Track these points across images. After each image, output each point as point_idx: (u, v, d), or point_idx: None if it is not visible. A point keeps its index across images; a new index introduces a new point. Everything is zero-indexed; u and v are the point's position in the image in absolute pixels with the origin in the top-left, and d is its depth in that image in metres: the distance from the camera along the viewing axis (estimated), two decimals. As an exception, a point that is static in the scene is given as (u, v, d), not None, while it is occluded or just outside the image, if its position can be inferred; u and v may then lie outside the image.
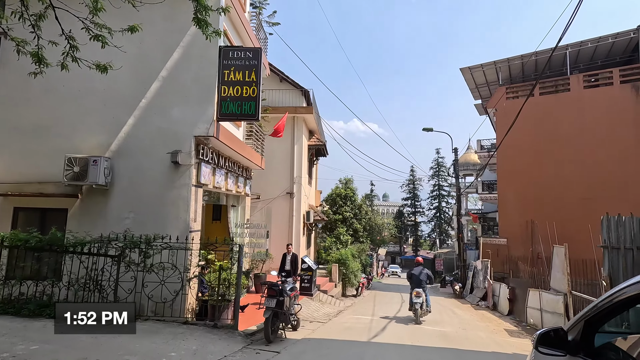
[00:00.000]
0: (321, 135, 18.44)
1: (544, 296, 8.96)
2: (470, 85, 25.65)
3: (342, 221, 21.02)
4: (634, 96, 18.35)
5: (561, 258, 8.26)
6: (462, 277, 20.61)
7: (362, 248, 18.84)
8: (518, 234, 20.15)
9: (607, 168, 18.46)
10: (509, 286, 12.67)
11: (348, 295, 16.12)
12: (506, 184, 21.21)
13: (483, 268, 16.84)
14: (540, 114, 20.23)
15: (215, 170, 8.70)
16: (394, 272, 48.56)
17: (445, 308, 13.33)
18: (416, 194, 69.14)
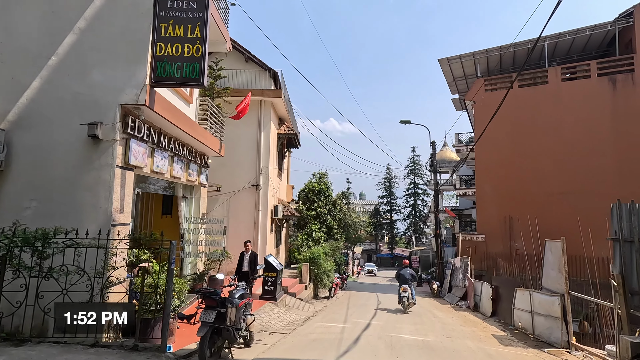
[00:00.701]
0: (292, 123, 17.02)
1: (535, 297, 7.98)
2: (448, 79, 24.97)
3: (315, 217, 19.69)
4: (611, 89, 18.09)
5: (557, 254, 7.27)
6: (439, 275, 19.81)
7: (337, 246, 17.60)
8: (496, 230, 19.59)
9: (584, 162, 18.14)
10: (491, 285, 11.75)
11: (320, 297, 14.82)
12: (484, 179, 20.61)
13: (462, 266, 15.99)
14: (518, 107, 19.72)
15: (155, 151, 7.13)
16: (370, 271, 47.85)
17: (424, 310, 12.28)
18: (392, 192, 69.14)
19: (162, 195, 10.67)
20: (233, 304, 4.93)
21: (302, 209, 19.75)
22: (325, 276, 14.25)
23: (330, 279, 14.74)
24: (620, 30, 18.44)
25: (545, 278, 7.91)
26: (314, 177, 21.12)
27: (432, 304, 14.80)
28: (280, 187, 17.61)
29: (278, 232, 16.23)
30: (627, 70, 17.86)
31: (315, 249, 14.31)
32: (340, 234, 21.29)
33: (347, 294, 17.65)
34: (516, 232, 18.73)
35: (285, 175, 19.48)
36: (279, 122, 16.06)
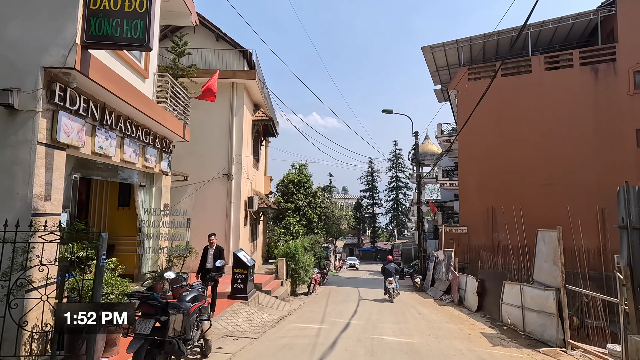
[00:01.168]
0: (270, 111, 15.99)
1: (527, 292, 7.39)
2: (431, 68, 24.43)
3: (294, 210, 18.81)
4: (592, 79, 17.91)
5: (551, 245, 6.67)
6: (422, 269, 19.34)
7: (316, 239, 16.80)
8: (479, 222, 19.26)
9: (567, 153, 17.96)
10: (477, 279, 11.21)
11: (299, 293, 14.01)
12: (467, 170, 20.23)
13: (446, 258, 15.50)
14: (501, 97, 19.36)
15: (97, 129, 6.04)
16: (352, 265, 47.48)
17: (407, 305, 11.65)
18: (374, 185, 69.03)
19: (119, 183, 9.56)
20: (179, 310, 4.00)
21: (280, 202, 18.82)
22: (304, 271, 13.43)
23: (309, 274, 13.94)
24: (602, 19, 18.24)
25: (538, 271, 7.32)
26: (293, 169, 20.19)
27: (415, 298, 14.23)
28: (257, 178, 16.61)
29: (254, 225, 15.26)
30: (608, 60, 17.70)
31: (292, 243, 13.44)
32: (321, 228, 20.50)
33: (327, 290, 16.91)
34: (499, 224, 18.45)
35: (262, 166, 18.47)
36: (254, 108, 15.00)
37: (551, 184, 17.95)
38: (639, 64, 17.01)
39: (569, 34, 19.88)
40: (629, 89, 17.16)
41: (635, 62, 17.09)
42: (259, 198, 14.48)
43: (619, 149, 17.15)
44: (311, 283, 14.39)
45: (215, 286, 7.31)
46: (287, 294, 12.71)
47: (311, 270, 14.16)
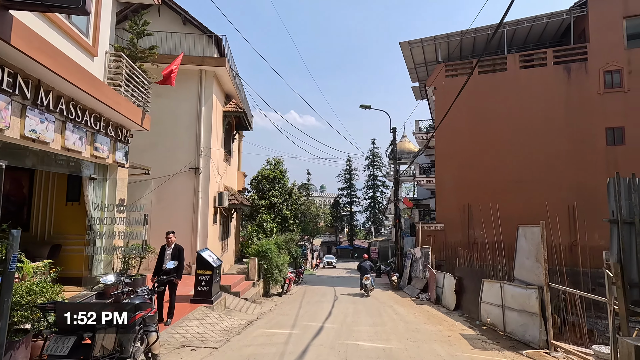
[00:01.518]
0: (242, 102, 15.19)
1: (507, 290, 7.08)
2: (409, 65, 24.29)
3: (269, 207, 18.08)
4: (565, 77, 18.19)
5: (534, 241, 6.36)
6: (399, 267, 19.10)
7: (291, 237, 16.16)
8: (455, 219, 19.24)
9: (541, 150, 18.18)
10: (454, 276, 10.94)
11: (272, 294, 13.35)
12: (443, 167, 20.17)
13: (423, 256, 15.25)
14: (478, 94, 19.40)
15: (28, 109, 5.17)
16: (329, 263, 47.18)
17: (384, 305, 11.24)
18: (352, 183, 69.09)
19: (67, 176, 8.58)
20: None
21: (254, 198, 18.05)
22: (277, 271, 12.78)
23: (283, 274, 13.30)
24: (574, 19, 18.56)
25: (519, 268, 7.02)
26: (268, 164, 19.42)
27: (392, 297, 13.88)
28: (228, 173, 15.78)
29: (225, 223, 14.45)
30: (580, 59, 18.02)
31: (265, 242, 12.75)
32: (297, 226, 19.86)
33: (302, 289, 16.33)
34: (475, 221, 18.47)
35: (235, 161, 17.63)
36: (225, 99, 14.17)
37: (526, 181, 18.12)
38: (608, 64, 17.39)
39: (543, 33, 20.16)
40: (599, 89, 17.53)
41: (605, 62, 17.47)
42: (230, 194, 13.68)
43: (590, 147, 17.50)
44: (285, 283, 13.76)
45: (173, 289, 6.55)
46: (259, 295, 12.02)
47: (285, 269, 13.53)
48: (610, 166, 16.85)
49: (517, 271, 7.10)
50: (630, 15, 17.38)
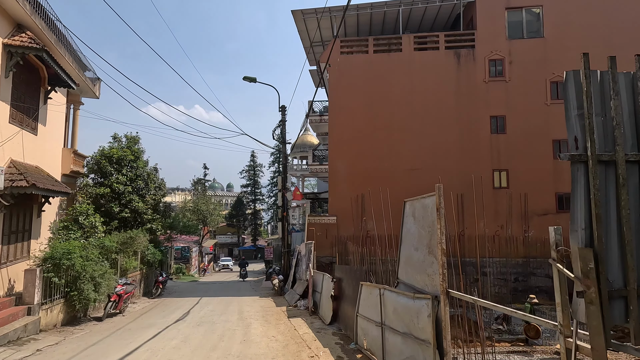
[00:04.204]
0: (47, 33, 10.47)
1: (389, 299, 4.56)
2: (305, 43, 21.85)
3: (113, 198, 13.44)
4: (455, 63, 17.68)
5: (427, 220, 3.89)
6: (285, 267, 16.32)
7: (132, 237, 11.85)
8: (348, 210, 17.25)
9: (432, 137, 17.33)
10: (333, 278, 8.39)
11: (90, 317, 9.16)
12: (337, 154, 18.08)
13: (307, 253, 12.66)
14: (373, 75, 17.80)
15: None
16: (225, 266, 42.78)
17: (242, 323, 8.16)
18: (257, 180, 65.48)
19: None
20: None
21: (88, 185, 13.21)
22: (91, 286, 8.62)
23: (105, 289, 9.15)
24: (464, 6, 18.31)
25: (405, 265, 4.55)
26: (115, 141, 14.63)
27: (265, 307, 10.89)
28: (35, 146, 10.89)
29: (11, 217, 9.58)
30: (469, 46, 17.70)
31: (64, 244, 8.45)
32: (158, 222, 15.50)
33: (155, 304, 12.27)
34: (368, 212, 16.84)
35: (56, 133, 12.59)
36: (14, 29, 9.37)
37: (418, 169, 17.09)
38: (493, 53, 17.36)
39: (436, 19, 19.63)
40: (485, 77, 17.39)
41: (490, 50, 17.40)
42: (18, 172, 8.95)
43: (476, 135, 17.23)
44: (112, 301, 9.61)
45: None
46: (50, 325, 7.78)
47: (111, 282, 9.38)
48: (494, 154, 16.77)
49: (402, 269, 4.63)
50: (511, 7, 17.66)
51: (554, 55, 16.99)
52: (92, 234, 10.17)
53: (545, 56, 17.06)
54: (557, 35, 17.10)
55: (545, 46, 17.13)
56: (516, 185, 16.32)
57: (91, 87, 14.92)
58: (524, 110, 16.81)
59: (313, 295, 9.64)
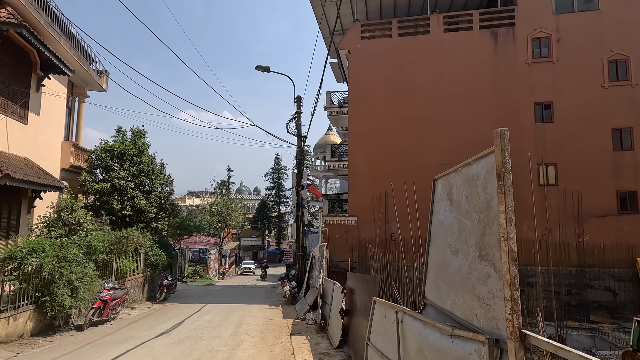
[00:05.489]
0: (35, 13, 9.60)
1: (411, 330, 2.92)
2: (324, 32, 20.42)
3: (114, 193, 12.52)
4: (492, 44, 15.58)
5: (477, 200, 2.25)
6: (299, 272, 14.82)
7: (126, 235, 10.73)
8: (370, 211, 15.52)
9: (464, 128, 15.28)
10: (342, 288, 6.75)
11: (63, 330, 8.04)
12: (357, 148, 16.40)
13: (320, 257, 11.09)
14: (397, 60, 16.04)
15: None
16: (247, 269, 41.98)
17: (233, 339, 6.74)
18: (281, 183, 64.86)
19: None
20: None
21: (86, 181, 12.35)
22: (67, 290, 7.50)
23: (85, 295, 8.02)
24: (501, -20, 16.24)
25: (435, 277, 2.89)
26: (120, 134, 13.76)
27: (268, 319, 9.41)
28: (26, 138, 10.07)
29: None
30: (508, 24, 15.55)
31: (29, 242, 7.37)
32: (165, 221, 14.47)
33: (150, 312, 11.12)
34: (392, 212, 15.06)
35: (53, 125, 11.81)
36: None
37: (448, 164, 15.02)
38: (537, 30, 15.12)
39: None
40: (528, 58, 15.17)
41: (533, 28, 15.17)
42: None
43: (517, 124, 14.99)
44: (94, 307, 8.47)
45: None
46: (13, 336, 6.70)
47: (92, 285, 8.24)
48: (539, 146, 14.49)
49: (432, 284, 2.97)
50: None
51: (612, 30, 14.54)
52: (76, 231, 9.12)
53: (600, 31, 14.61)
54: (614, 7, 14.65)
55: (601, 20, 14.68)
56: (567, 182, 13.93)
57: (96, 79, 14.19)
58: (575, 95, 14.44)
59: (322, 308, 8.05)
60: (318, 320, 7.83)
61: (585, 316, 13.06)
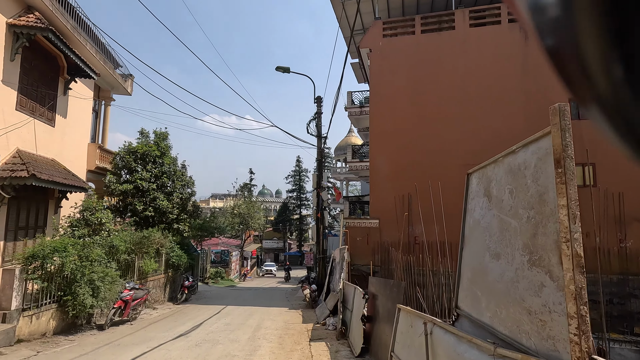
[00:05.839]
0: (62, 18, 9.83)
1: (442, 345, 2.57)
2: (345, 32, 20.19)
3: (137, 194, 12.70)
4: (522, 38, 14.85)
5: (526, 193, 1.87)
6: (320, 275, 14.53)
7: (147, 236, 10.77)
8: (392, 213, 15.06)
9: (491, 126, 14.64)
10: (364, 293, 6.40)
11: (85, 329, 8.10)
12: (379, 149, 15.99)
13: (340, 260, 10.77)
14: (420, 58, 15.56)
15: None
16: (268, 271, 42.15)
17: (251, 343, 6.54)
18: (302, 185, 64.98)
19: None
20: None
21: (111, 182, 12.57)
22: (88, 290, 7.53)
23: (106, 294, 8.05)
24: (531, -28, 15.43)
25: (470, 284, 2.52)
26: (143, 136, 13.98)
27: (287, 323, 9.16)
28: (53, 140, 10.33)
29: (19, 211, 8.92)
30: (539, 17, 14.79)
31: (52, 241, 7.44)
32: (186, 222, 14.56)
33: (171, 312, 11.13)
34: (416, 215, 14.53)
35: (78, 126, 12.09)
36: (18, 8, 8.78)
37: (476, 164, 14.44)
38: (571, 22, 14.26)
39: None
40: (561, 52, 14.34)
41: (567, 19, 14.35)
42: (21, 162, 8.22)
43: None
44: (116, 308, 8.51)
45: None
46: (35, 334, 6.76)
47: (113, 285, 8.28)
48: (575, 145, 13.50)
49: (467, 292, 2.59)
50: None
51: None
52: (99, 231, 9.22)
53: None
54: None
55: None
56: (607, 183, 12.96)
57: (122, 82, 14.50)
58: (615, 89, 13.48)
59: (343, 313, 7.71)
60: (338, 326, 7.50)
61: (629, 328, 12.06)
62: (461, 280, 2.71)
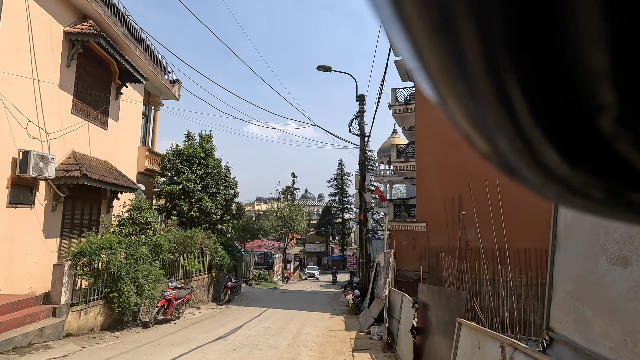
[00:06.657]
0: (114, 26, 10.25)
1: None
2: (388, 28, 19.45)
3: (183, 195, 12.99)
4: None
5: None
6: (363, 280, 13.86)
7: (190, 236, 10.86)
8: (441, 216, 14.01)
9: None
10: (414, 301, 5.72)
11: (131, 326, 8.22)
12: (426, 147, 15.01)
13: (385, 265, 10.08)
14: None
15: None
16: (311, 275, 42.13)
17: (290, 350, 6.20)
18: (344, 189, 64.39)
19: None
20: None
21: (160, 183, 12.97)
22: (133, 287, 7.63)
23: (150, 292, 8.12)
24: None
25: (570, 299, 1.86)
26: (189, 139, 14.34)
27: (329, 330, 8.67)
28: (106, 142, 10.82)
29: (74, 210, 9.36)
30: None
31: (100, 238, 7.60)
32: (229, 223, 14.67)
33: (213, 313, 11.14)
34: (469, 218, 13.39)
35: (129, 130, 12.61)
36: (79, 18, 9.27)
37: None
38: None
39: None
40: None
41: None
42: (75, 163, 8.62)
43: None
44: (159, 306, 8.57)
45: None
46: (84, 329, 6.92)
47: (155, 284, 8.34)
48: None
49: (565, 310, 1.92)
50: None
51: None
52: (145, 230, 9.42)
53: None
54: None
55: None
56: None
57: (170, 88, 15.04)
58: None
59: (389, 322, 7.05)
60: (384, 336, 6.85)
61: None
62: (555, 294, 2.04)
